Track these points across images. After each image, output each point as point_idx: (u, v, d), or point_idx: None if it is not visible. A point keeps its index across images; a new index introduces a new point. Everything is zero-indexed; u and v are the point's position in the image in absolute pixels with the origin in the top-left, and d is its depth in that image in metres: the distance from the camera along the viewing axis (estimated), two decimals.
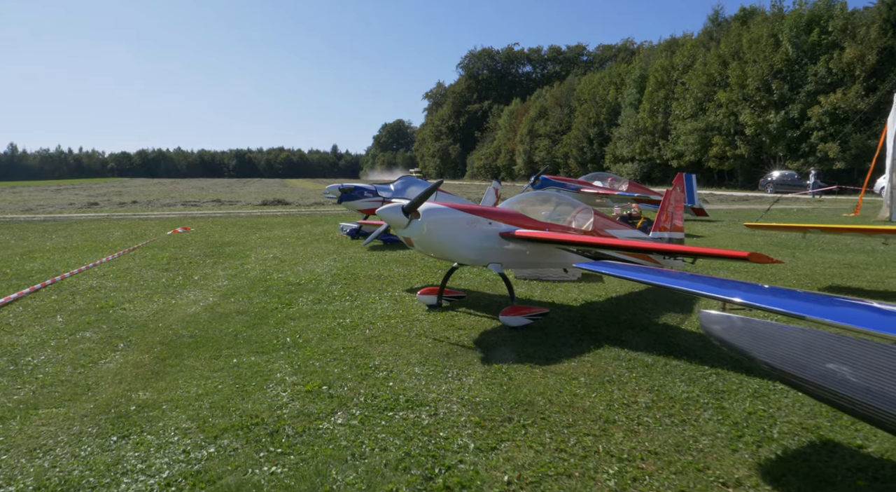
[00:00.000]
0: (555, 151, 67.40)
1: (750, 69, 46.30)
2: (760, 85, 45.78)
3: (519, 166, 74.55)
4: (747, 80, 46.34)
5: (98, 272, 8.60)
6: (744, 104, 46.54)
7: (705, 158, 50.53)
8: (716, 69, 49.74)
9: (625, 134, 57.86)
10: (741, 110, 46.52)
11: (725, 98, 47.85)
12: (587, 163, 62.62)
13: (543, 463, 2.96)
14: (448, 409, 3.63)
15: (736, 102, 47.15)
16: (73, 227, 15.74)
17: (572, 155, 64.74)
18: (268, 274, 8.39)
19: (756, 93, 45.78)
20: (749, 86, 46.22)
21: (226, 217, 19.44)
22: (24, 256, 10.15)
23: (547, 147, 68.92)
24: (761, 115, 45.11)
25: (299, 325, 5.64)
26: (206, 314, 6.09)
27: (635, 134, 56.55)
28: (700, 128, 49.83)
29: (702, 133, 49.81)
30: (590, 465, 2.94)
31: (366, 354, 4.72)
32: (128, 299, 6.80)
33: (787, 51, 44.81)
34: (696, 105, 50.88)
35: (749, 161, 48.08)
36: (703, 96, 50.40)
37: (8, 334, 5.42)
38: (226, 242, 12.28)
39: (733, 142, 47.81)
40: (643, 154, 55.82)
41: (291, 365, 4.47)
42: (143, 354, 4.82)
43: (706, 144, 49.92)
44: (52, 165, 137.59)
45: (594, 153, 62.39)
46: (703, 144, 50.05)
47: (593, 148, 62.30)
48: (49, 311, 6.27)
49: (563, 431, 3.32)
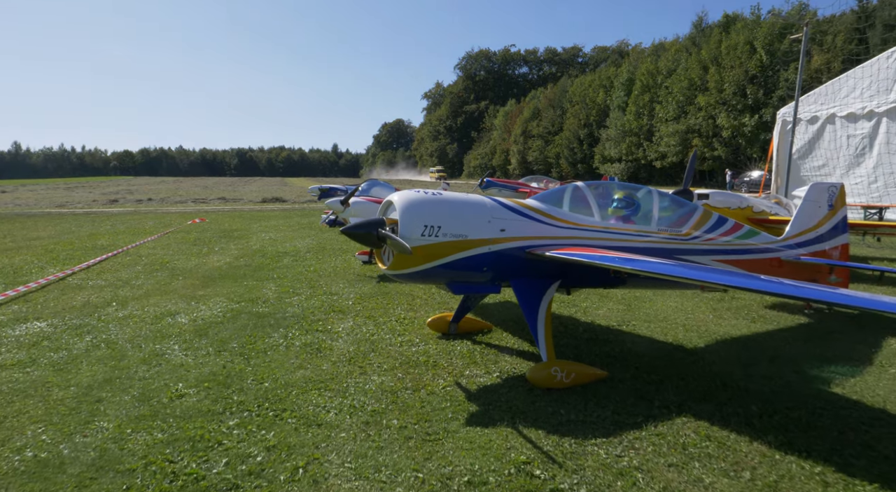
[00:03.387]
0: (547, 152, 71.49)
1: (727, 74, 50.26)
2: (737, 89, 49.70)
3: (513, 166, 78.69)
4: (725, 84, 50.29)
5: (149, 246, 12.87)
6: (721, 108, 50.49)
7: (686, 159, 54.41)
8: (696, 74, 53.72)
9: (613, 135, 61.86)
10: (718, 114, 50.48)
11: (705, 102, 51.84)
12: (577, 163, 66.66)
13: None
14: (339, 291, 7.81)
15: (714, 106, 51.13)
16: (113, 218, 20.12)
17: (563, 155, 68.79)
18: (264, 247, 12.62)
19: (733, 97, 49.68)
20: (726, 90, 50.16)
21: (232, 211, 23.80)
22: (91, 237, 14.47)
23: (540, 148, 73.02)
24: (737, 118, 49.01)
25: (281, 271, 9.85)
26: (226, 266, 10.31)
27: (622, 135, 60.55)
28: (681, 130, 53.85)
29: (683, 135, 53.82)
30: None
31: (317, 282, 8.91)
32: (175, 259, 11.05)
33: (761, 57, 48.73)
34: (678, 108, 54.84)
35: (727, 162, 51.95)
36: (685, 100, 54.35)
37: (112, 273, 9.65)
38: (233, 228, 16.57)
39: (711, 144, 51.74)
40: (629, 155, 59.78)
41: (275, 284, 8.66)
42: (193, 282, 9.02)
43: (687, 146, 53.85)
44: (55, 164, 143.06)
45: (584, 154, 66.38)
46: (684, 145, 54.01)
47: (583, 149, 66.31)
48: (131, 264, 10.52)
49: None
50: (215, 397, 4.27)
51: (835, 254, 6.63)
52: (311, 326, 6.24)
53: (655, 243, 5.32)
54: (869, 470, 3.20)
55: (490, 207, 4.80)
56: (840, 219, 6.66)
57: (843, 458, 3.33)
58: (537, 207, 5.07)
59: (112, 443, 3.56)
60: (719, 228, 5.77)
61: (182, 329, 6.19)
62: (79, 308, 7.19)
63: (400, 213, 4.43)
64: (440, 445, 3.51)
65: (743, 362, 5.09)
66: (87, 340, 5.81)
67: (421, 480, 3.11)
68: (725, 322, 6.44)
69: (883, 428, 3.74)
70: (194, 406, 4.11)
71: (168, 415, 3.96)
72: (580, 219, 5.15)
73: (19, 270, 9.95)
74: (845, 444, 3.49)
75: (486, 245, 4.62)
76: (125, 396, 4.33)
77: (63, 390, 4.46)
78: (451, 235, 4.49)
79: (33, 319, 6.63)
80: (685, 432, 3.65)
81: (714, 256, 5.62)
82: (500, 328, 6.14)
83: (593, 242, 5.03)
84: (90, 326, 6.36)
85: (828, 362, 5.01)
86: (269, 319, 6.57)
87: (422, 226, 4.41)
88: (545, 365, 4.45)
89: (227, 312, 6.96)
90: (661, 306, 7.13)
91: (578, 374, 4.49)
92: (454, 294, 5.30)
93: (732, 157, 51.50)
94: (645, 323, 6.40)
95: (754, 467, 3.22)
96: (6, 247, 12.90)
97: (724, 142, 50.70)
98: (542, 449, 3.42)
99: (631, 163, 60.35)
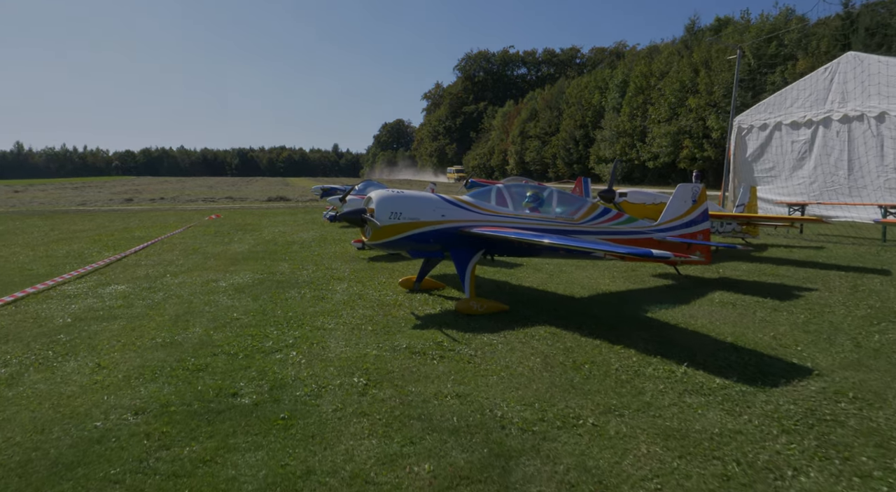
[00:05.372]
0: (544, 152, 74.17)
1: (716, 77, 52.89)
2: (726, 92, 52.26)
3: (511, 166, 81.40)
4: (714, 87, 52.93)
5: (178, 237, 15.60)
6: (710, 110, 53.11)
7: (678, 159, 57.05)
8: (688, 77, 56.36)
9: (607, 136, 64.54)
10: (708, 115, 53.10)
11: (695, 104, 54.48)
12: (573, 163, 69.27)
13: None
14: (338, 267, 10.49)
15: (704, 108, 53.76)
16: (138, 215, 22.92)
17: (560, 156, 71.46)
18: (276, 238, 15.33)
19: (722, 99, 52.23)
20: (716, 92, 52.78)
21: (241, 209, 26.57)
22: (125, 230, 17.22)
23: (537, 148, 75.71)
24: (726, 119, 51.55)
25: (292, 255, 12.54)
26: (246, 251, 13.01)
27: (616, 136, 63.22)
28: (672, 131, 56.47)
29: (674, 136, 56.44)
30: None
31: (321, 262, 11.59)
32: (204, 246, 13.76)
33: (749, 61, 51.32)
34: (670, 110, 57.48)
35: (717, 162, 54.54)
36: (676, 102, 56.99)
37: (157, 256, 12.36)
38: (246, 223, 19.31)
39: (701, 145, 54.33)
40: (623, 155, 62.40)
41: (287, 263, 11.35)
42: (223, 262, 11.70)
43: (678, 147, 56.50)
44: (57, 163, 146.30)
45: (580, 154, 69.01)
46: (676, 146, 56.64)
47: (579, 149, 68.95)
48: (168, 250, 13.24)
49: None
50: (259, 319, 6.95)
51: (699, 236, 9.27)
52: (317, 286, 8.93)
53: (553, 225, 7.98)
54: (649, 349, 5.82)
55: (435, 200, 7.48)
56: (701, 211, 9.30)
57: (636, 341, 5.96)
58: (469, 200, 7.75)
59: (205, 336, 6.24)
60: (603, 216, 8.43)
61: (225, 288, 8.88)
62: (143, 278, 9.88)
63: (375, 204, 7.12)
64: (394, 335, 6.18)
65: (602, 303, 7.76)
66: (161, 295, 8.50)
67: (381, 348, 5.77)
68: (614, 284, 9.10)
69: (680, 332, 6.37)
70: (247, 322, 6.79)
71: (232, 326, 6.65)
72: (500, 209, 7.82)
73: (82, 254, 12.68)
74: (640, 336, 6.12)
75: (432, 225, 7.29)
76: (202, 318, 7.02)
77: (160, 317, 7.14)
78: (408, 218, 7.17)
79: (114, 284, 9.33)
80: (539, 331, 6.31)
81: (598, 236, 8.28)
82: (448, 287, 8.80)
83: (507, 224, 7.70)
84: (158, 287, 9.06)
85: (660, 303, 7.66)
86: (286, 284, 9.25)
87: (389, 212, 7.09)
88: (467, 300, 7.13)
89: (254, 279, 9.64)
90: (575, 276, 9.77)
91: (488, 306, 7.16)
92: (413, 258, 7.97)
93: (722, 157, 54.06)
94: (556, 285, 9.06)
95: (571, 348, 5.86)
96: (59, 237, 15.66)
97: (713, 143, 53.21)
98: (452, 337, 6.08)
99: (625, 163, 62.91)
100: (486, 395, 4.52)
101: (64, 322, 6.91)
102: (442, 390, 4.64)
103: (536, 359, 5.40)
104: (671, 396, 4.47)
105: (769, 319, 6.72)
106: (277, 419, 4.10)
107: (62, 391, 4.70)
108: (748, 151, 22.22)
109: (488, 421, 4.04)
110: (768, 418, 4.04)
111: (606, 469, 3.39)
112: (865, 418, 4.02)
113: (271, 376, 4.98)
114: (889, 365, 5.12)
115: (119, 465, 3.48)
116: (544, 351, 5.64)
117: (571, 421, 4.03)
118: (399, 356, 5.49)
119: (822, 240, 14.70)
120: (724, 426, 3.92)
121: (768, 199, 20.58)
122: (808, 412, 4.12)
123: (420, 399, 4.44)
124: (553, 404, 4.34)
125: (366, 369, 5.11)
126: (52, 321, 6.95)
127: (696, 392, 4.53)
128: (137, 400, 4.47)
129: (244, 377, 4.95)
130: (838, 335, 5.98)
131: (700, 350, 5.58)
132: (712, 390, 4.56)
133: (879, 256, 11.78)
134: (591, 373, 5.00)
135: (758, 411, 4.15)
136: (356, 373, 5.02)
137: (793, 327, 6.35)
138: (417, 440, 3.76)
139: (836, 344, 5.72)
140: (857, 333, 6.01)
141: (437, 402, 4.39)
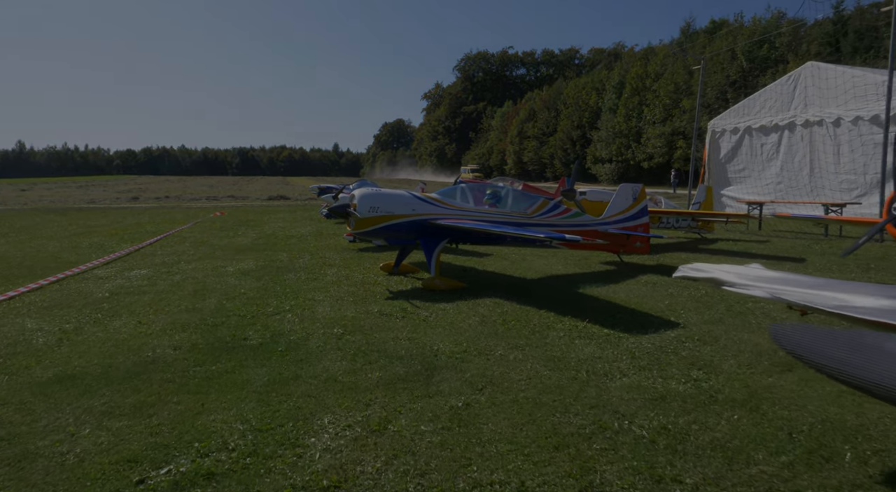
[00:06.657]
0: (542, 152, 75.85)
1: (710, 79, 54.47)
2: (719, 94, 53.95)
3: (509, 166, 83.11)
4: (708, 88, 54.51)
5: (187, 231, 17.35)
6: (704, 111, 54.68)
7: (672, 160, 58.63)
8: (682, 78, 57.96)
9: (604, 137, 66.19)
10: (702, 117, 54.65)
11: (689, 105, 56.02)
12: (570, 163, 70.89)
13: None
14: (330, 256, 12.21)
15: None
16: (147, 212, 24.73)
17: (557, 156, 73.13)
18: (276, 232, 17.07)
19: (715, 101, 53.87)
20: (709, 94, 54.38)
21: (244, 207, 28.36)
22: (137, 225, 18.98)
23: (535, 148, 77.42)
24: None
25: (290, 246, 14.26)
26: (249, 243, 14.74)
27: (612, 137, 64.86)
28: (666, 132, 58.06)
29: (668, 137, 58.04)
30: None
31: (316, 252, 13.30)
32: (211, 239, 15.49)
33: (741, 63, 52.99)
34: (665, 111, 59.09)
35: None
36: (671, 103, 58.59)
37: (170, 247, 14.09)
38: (249, 219, 21.07)
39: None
40: (619, 156, 64.06)
41: (286, 253, 13.06)
42: (229, 252, 13.42)
43: (672, 147, 58.08)
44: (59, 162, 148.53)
45: (577, 154, 70.64)
46: (670, 147, 58.22)
47: (576, 149, 70.61)
48: (179, 242, 14.98)
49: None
50: (262, 294, 8.66)
51: (640, 229, 10.95)
52: (311, 271, 10.64)
53: (509, 219, 9.68)
54: (566, 312, 7.50)
55: (408, 197, 9.19)
56: (641, 207, 10.98)
57: (561, 308, 7.64)
58: (437, 198, 9.45)
59: (219, 305, 7.95)
60: (553, 211, 10.12)
61: (232, 272, 10.60)
62: (161, 264, 11.60)
63: (357, 200, 8.83)
64: (369, 304, 7.89)
65: (548, 284, 9.45)
66: (179, 276, 10.22)
67: (358, 312, 7.47)
68: (565, 269, 10.79)
69: (598, 302, 8.04)
70: (253, 296, 8.50)
71: (241, 298, 8.36)
72: (463, 204, 9.53)
73: (103, 245, 14.43)
74: (567, 305, 7.79)
75: (404, 218, 8.99)
76: (216, 293, 8.73)
77: (182, 292, 8.85)
78: (384, 211, 8.87)
79: (138, 269, 11.05)
80: (485, 302, 8.00)
81: (548, 228, 9.97)
82: (422, 272, 10.49)
83: (469, 218, 9.39)
84: (175, 271, 10.78)
85: (595, 283, 9.35)
86: (284, 269, 10.96)
87: (368, 207, 8.80)
88: (432, 278, 8.85)
89: (257, 265, 11.36)
90: (533, 263, 11.45)
91: (449, 284, 8.87)
92: (391, 245, 9.68)
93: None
94: (514, 270, 10.75)
95: (506, 312, 7.53)
96: (78, 231, 17.44)
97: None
98: (415, 304, 7.78)
99: (621, 163, 64.56)
100: (430, 339, 6.22)
101: (103, 296, 8.63)
102: (398, 336, 6.34)
103: (476, 318, 7.10)
104: (566, 340, 6.16)
105: (674, 294, 8.40)
106: (276, 351, 5.80)
107: (117, 338, 6.42)
108: (721, 153, 23.91)
109: (426, 352, 5.74)
110: (626, 351, 5.73)
111: (498, 375, 5.09)
112: (694, 350, 5.70)
113: (272, 328, 6.69)
114: (742, 321, 6.81)
115: (170, 372, 5.20)
116: (483, 313, 7.34)
117: (485, 352, 5.73)
118: (371, 317, 7.20)
119: (774, 236, 16.35)
120: (592, 355, 5.61)
121: (738, 198, 22.25)
122: (656, 348, 5.81)
123: (381, 341, 6.15)
124: (476, 344, 6.03)
125: (344, 325, 6.82)
126: (93, 295, 8.68)
127: (585, 337, 6.22)
128: (174, 341, 6.19)
129: (252, 329, 6.66)
130: (719, 303, 7.66)
131: (605, 313, 7.27)
132: (598, 337, 6.25)
133: (811, 247, 13.44)
134: (513, 326, 6.71)
135: (622, 348, 5.84)
136: (336, 326, 6.73)
137: (688, 299, 8.04)
138: (374, 361, 5.46)
139: (712, 308, 7.41)
140: (734, 301, 7.68)
141: (393, 343, 6.10)
